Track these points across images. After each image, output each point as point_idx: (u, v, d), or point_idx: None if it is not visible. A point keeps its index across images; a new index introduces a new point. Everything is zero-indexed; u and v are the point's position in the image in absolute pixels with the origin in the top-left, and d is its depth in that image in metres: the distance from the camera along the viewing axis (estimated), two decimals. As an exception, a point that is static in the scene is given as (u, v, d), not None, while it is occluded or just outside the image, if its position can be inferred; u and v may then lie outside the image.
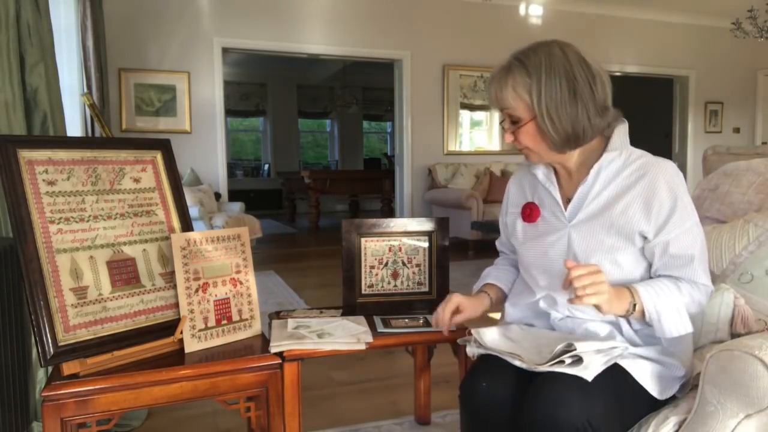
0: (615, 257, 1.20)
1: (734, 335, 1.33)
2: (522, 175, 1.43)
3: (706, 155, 2.00)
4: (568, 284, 1.08)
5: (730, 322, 1.34)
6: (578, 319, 1.24)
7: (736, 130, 8.53)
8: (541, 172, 1.33)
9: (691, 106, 8.22)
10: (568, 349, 1.10)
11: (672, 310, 1.14)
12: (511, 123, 1.25)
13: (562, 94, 1.17)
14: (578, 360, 1.09)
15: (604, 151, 1.24)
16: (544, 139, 1.22)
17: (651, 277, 1.23)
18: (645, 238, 1.20)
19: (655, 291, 1.15)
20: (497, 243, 1.58)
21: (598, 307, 1.10)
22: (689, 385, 1.21)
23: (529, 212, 1.34)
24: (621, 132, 1.25)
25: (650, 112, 9.84)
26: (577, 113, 1.18)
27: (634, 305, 1.14)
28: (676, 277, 1.20)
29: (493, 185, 6.52)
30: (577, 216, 1.25)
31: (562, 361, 1.10)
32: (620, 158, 1.24)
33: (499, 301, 1.48)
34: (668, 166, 1.21)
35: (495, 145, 7.36)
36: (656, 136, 9.60)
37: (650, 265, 1.24)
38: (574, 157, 1.27)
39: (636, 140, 1.23)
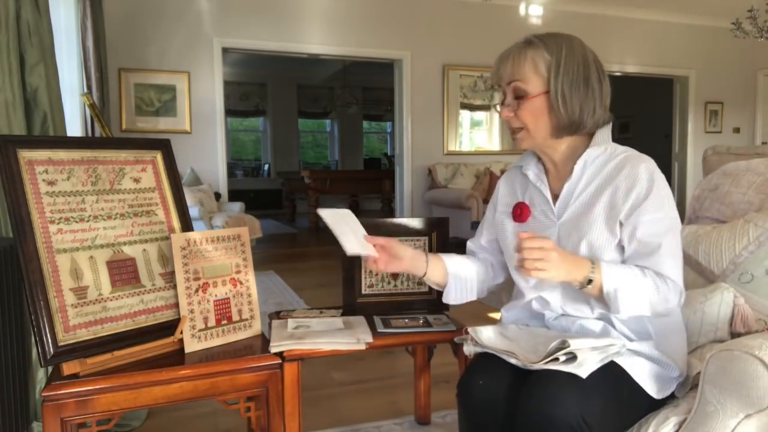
0: (602, 253, 1.20)
1: (734, 335, 1.33)
2: (513, 176, 1.44)
3: (706, 155, 1.99)
4: (518, 252, 1.10)
5: (730, 322, 1.34)
6: (571, 317, 1.25)
7: (736, 130, 8.52)
8: (532, 172, 1.34)
9: (691, 106, 8.22)
10: (562, 346, 1.11)
11: (630, 288, 1.13)
12: (515, 98, 1.25)
13: (577, 76, 1.22)
14: (573, 357, 1.09)
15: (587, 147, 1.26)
16: (549, 118, 1.24)
17: None
18: (621, 224, 1.20)
19: (619, 268, 1.15)
20: (470, 243, 1.53)
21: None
22: (689, 385, 1.21)
23: (520, 212, 1.34)
24: (605, 129, 1.28)
25: (650, 112, 9.83)
26: (586, 97, 1.23)
27: (590, 280, 1.13)
28: (644, 267, 1.17)
29: (493, 185, 6.51)
30: (566, 213, 1.26)
31: (557, 359, 1.10)
32: (604, 154, 1.26)
33: (439, 277, 1.43)
34: (649, 160, 1.23)
35: (495, 145, 7.36)
36: (656, 136, 9.60)
37: None
38: (562, 147, 1.29)
39: (636, 140, 1.25)
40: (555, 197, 1.30)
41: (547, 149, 1.30)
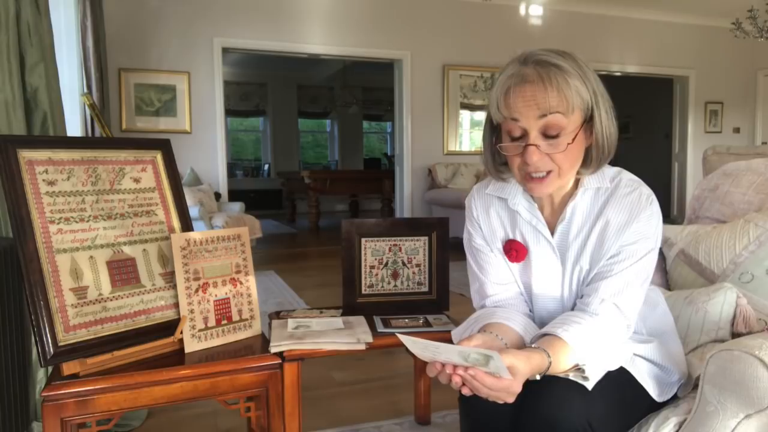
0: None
1: (735, 335, 1.33)
2: (488, 204, 1.24)
3: (706, 155, 1.99)
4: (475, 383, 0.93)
5: (732, 322, 1.34)
6: None
7: (736, 130, 8.53)
8: (523, 208, 1.19)
9: (691, 106, 8.22)
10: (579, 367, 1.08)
11: (592, 359, 1.06)
12: (546, 135, 1.06)
13: (607, 98, 1.10)
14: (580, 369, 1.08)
15: (578, 185, 1.16)
16: (582, 154, 1.10)
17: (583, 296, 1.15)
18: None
19: (570, 351, 1.03)
20: (476, 296, 1.26)
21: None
22: (691, 386, 1.21)
23: (516, 253, 1.19)
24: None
25: (650, 112, 9.83)
26: (615, 122, 1.12)
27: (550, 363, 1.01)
28: (597, 297, 1.10)
29: (493, 185, 6.51)
30: (567, 252, 1.17)
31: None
32: (593, 189, 1.17)
33: (516, 345, 1.11)
34: (640, 186, 1.14)
35: (495, 145, 7.35)
36: (656, 136, 9.59)
37: None
38: (570, 183, 1.17)
39: (636, 140, 1.21)
40: (550, 232, 1.18)
41: (565, 185, 1.15)
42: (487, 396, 0.94)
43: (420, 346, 0.93)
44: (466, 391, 0.95)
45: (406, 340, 0.93)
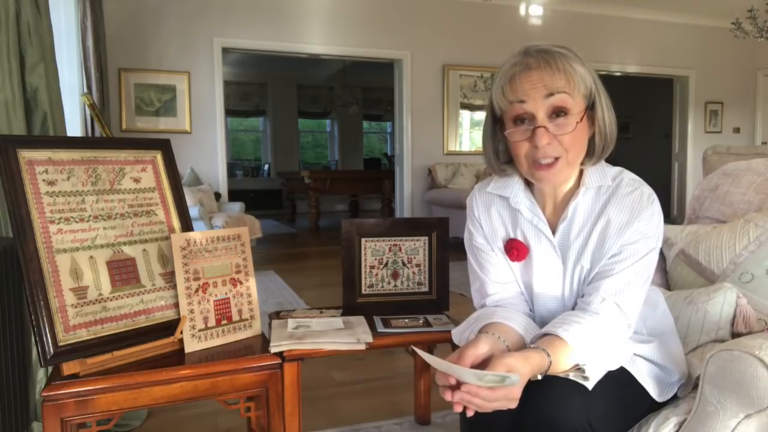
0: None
1: (735, 335, 1.33)
2: (489, 202, 1.25)
3: (706, 155, 1.99)
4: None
5: (732, 322, 1.34)
6: None
7: (736, 130, 8.53)
8: (525, 207, 1.19)
9: (691, 106, 8.22)
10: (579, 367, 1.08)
11: (591, 360, 1.06)
12: (555, 116, 1.06)
13: (605, 93, 1.13)
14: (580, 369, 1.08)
15: (580, 184, 1.17)
16: (586, 142, 1.11)
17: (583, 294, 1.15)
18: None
19: (570, 351, 1.03)
20: (477, 295, 1.26)
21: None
22: (690, 386, 1.21)
23: (516, 252, 1.19)
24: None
25: (650, 112, 9.84)
26: (614, 115, 1.13)
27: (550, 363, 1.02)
28: (598, 297, 1.09)
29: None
30: (569, 251, 1.17)
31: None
32: (594, 188, 1.17)
33: (517, 345, 1.10)
34: (642, 186, 1.15)
35: (495, 145, 7.35)
36: (656, 136, 9.60)
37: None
38: (573, 178, 1.17)
39: (636, 140, 1.20)
40: (551, 230, 1.18)
41: (562, 182, 1.16)
42: (489, 409, 0.94)
43: (438, 364, 0.95)
44: (470, 413, 0.95)
45: (428, 358, 0.96)
